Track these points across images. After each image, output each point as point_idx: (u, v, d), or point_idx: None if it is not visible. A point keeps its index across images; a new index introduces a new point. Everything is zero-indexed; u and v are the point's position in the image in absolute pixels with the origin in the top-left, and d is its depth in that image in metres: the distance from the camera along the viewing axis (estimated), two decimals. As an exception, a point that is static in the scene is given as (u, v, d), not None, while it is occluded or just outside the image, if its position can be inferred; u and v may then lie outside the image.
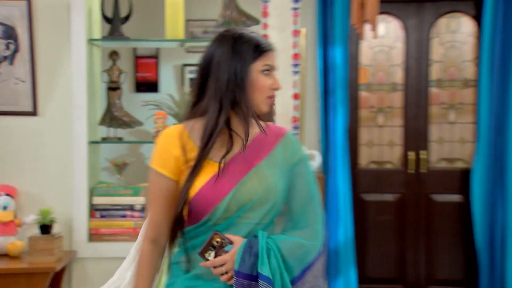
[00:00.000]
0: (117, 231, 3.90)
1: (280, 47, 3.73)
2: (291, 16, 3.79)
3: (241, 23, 3.83)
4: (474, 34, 6.15)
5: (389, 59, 6.21)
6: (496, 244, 5.83)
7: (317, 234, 2.35)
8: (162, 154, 2.22)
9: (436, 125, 6.20)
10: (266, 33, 3.79)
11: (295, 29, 3.79)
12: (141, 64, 5.90)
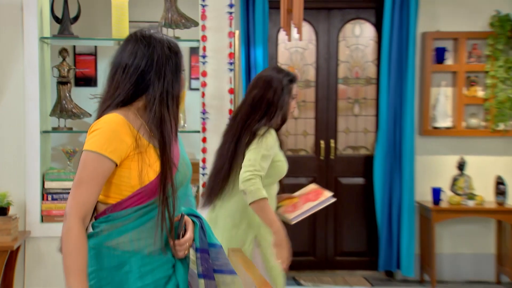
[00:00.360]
0: (68, 212, 3.86)
1: (217, 47, 3.80)
2: (227, 19, 3.84)
3: (181, 24, 3.85)
4: (374, 39, 6.32)
5: (303, 59, 6.32)
6: (393, 220, 6.06)
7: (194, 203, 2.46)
8: (113, 140, 2.10)
9: (343, 117, 6.35)
10: (204, 34, 3.83)
11: (230, 31, 3.84)
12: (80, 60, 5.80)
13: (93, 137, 2.11)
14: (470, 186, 5.91)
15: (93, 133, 2.12)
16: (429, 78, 6.04)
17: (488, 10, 6.07)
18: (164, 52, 2.20)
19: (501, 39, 5.96)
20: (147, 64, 2.17)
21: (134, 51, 2.19)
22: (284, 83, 3.25)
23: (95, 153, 2.09)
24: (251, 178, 3.05)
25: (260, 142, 3.13)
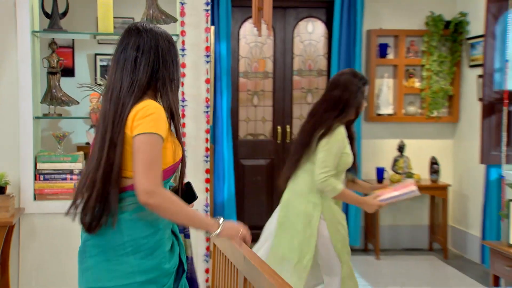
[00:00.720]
0: (59, 191, 3.83)
1: (195, 41, 3.82)
2: (203, 16, 3.85)
3: (162, 20, 3.85)
4: (325, 35, 6.40)
5: (262, 53, 6.36)
6: (342, 196, 6.16)
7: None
8: (164, 124, 2.12)
9: (297, 105, 6.42)
10: (184, 29, 3.84)
11: (206, 26, 3.85)
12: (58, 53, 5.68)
13: (151, 121, 2.09)
14: (409, 166, 6.07)
15: (148, 117, 2.09)
16: (374, 70, 6.17)
17: (424, 11, 6.23)
18: (165, 44, 2.22)
19: (435, 36, 6.13)
20: (155, 56, 2.17)
21: (141, 44, 2.18)
22: (359, 86, 3.41)
23: (157, 135, 2.09)
24: (326, 180, 3.28)
25: (331, 139, 3.30)
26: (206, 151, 3.84)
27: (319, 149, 3.31)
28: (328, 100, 3.41)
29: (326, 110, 3.38)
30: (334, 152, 3.29)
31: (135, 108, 2.12)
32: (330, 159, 3.27)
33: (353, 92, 3.38)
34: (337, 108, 3.37)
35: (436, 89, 6.14)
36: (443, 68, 6.15)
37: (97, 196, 2.10)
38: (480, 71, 5.74)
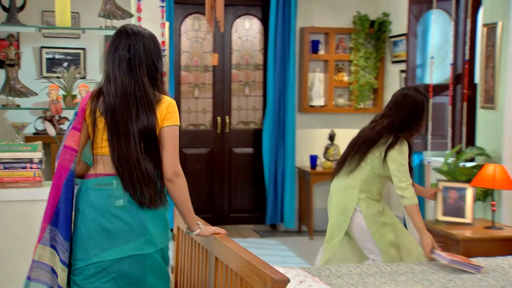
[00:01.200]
0: (19, 179, 3.76)
1: (151, 36, 3.82)
2: (159, 12, 3.89)
3: (118, 16, 3.83)
4: (261, 31, 6.53)
5: (202, 48, 6.40)
6: (278, 182, 6.34)
7: None
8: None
9: (235, 97, 6.52)
10: (140, 24, 3.84)
11: (162, 22, 3.88)
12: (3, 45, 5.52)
13: (176, 115, 2.43)
14: (339, 153, 6.29)
15: (174, 112, 2.42)
16: (307, 65, 6.34)
17: (351, 11, 6.46)
18: (151, 45, 2.43)
19: (361, 34, 6.38)
20: (146, 57, 2.38)
21: (131, 46, 2.37)
22: (425, 105, 3.58)
23: (179, 127, 2.45)
24: (407, 188, 3.45)
25: (401, 151, 3.48)
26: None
27: (389, 159, 3.50)
28: (395, 116, 3.54)
29: (394, 122, 3.54)
30: (404, 163, 3.49)
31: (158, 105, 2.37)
32: (405, 169, 3.48)
33: (419, 110, 3.56)
34: (405, 123, 3.54)
35: (362, 82, 6.39)
36: (368, 63, 6.41)
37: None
38: (402, 66, 6.04)
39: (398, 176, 3.49)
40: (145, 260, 2.37)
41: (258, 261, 2.27)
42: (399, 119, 3.54)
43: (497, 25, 4.36)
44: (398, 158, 3.49)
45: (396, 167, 3.49)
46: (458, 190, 4.05)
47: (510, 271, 3.31)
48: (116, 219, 2.35)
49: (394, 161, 3.49)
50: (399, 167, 3.48)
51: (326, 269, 3.33)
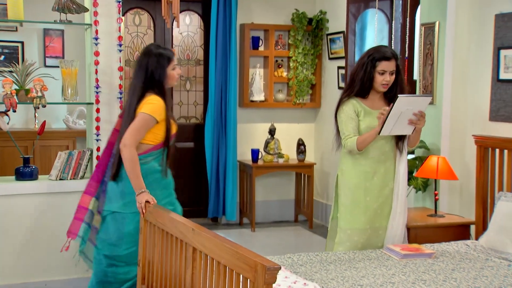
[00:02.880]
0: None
1: (107, 31, 3.79)
2: (115, 7, 3.83)
3: (73, 9, 3.76)
4: (202, 27, 6.52)
5: (144, 43, 6.33)
6: (220, 177, 6.37)
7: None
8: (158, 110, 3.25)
9: (177, 92, 6.50)
10: (96, 19, 3.79)
11: (118, 17, 3.83)
12: None
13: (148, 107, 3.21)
14: (279, 147, 6.42)
15: (146, 105, 3.21)
16: (247, 61, 6.42)
17: (290, 8, 6.59)
18: (153, 60, 3.27)
19: (300, 31, 6.52)
20: (145, 70, 3.26)
21: (141, 62, 3.29)
22: (364, 61, 3.53)
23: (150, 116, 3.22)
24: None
25: (338, 113, 3.58)
26: (119, 135, 3.84)
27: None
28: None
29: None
30: (343, 120, 3.57)
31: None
32: (342, 126, 3.58)
33: (357, 68, 3.57)
34: (347, 83, 3.65)
35: (301, 78, 6.54)
36: (307, 59, 6.56)
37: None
38: (339, 63, 6.23)
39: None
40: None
41: (244, 249, 2.33)
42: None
43: (435, 25, 4.61)
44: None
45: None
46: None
47: (456, 255, 3.53)
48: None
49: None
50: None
51: (288, 258, 3.43)
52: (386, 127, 3.39)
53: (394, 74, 3.56)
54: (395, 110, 3.34)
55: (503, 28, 4.12)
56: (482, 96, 4.34)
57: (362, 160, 3.59)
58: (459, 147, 4.52)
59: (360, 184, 3.60)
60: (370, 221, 3.61)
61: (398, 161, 3.63)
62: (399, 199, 3.62)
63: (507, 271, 3.24)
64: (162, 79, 3.28)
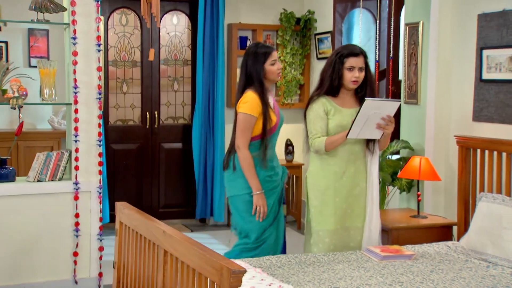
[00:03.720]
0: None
1: (86, 30, 3.76)
2: (94, 6, 3.80)
3: (50, 9, 3.72)
4: (189, 27, 6.50)
5: (130, 43, 6.30)
6: (208, 177, 6.34)
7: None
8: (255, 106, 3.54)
9: (164, 93, 6.47)
10: (74, 18, 3.75)
11: (97, 16, 3.80)
12: None
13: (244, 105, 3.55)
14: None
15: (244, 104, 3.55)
16: (235, 61, 6.39)
17: (278, 8, 6.56)
18: (251, 58, 3.63)
19: (288, 31, 6.49)
20: (245, 67, 3.65)
21: (245, 61, 3.67)
22: (332, 59, 3.51)
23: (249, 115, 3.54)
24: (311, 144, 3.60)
25: (307, 112, 3.60)
26: (99, 135, 3.81)
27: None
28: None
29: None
30: (312, 119, 3.56)
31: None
32: (310, 125, 3.58)
33: (327, 65, 3.56)
34: (318, 83, 3.65)
35: (289, 78, 6.51)
36: (295, 60, 6.54)
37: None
38: (327, 63, 6.19)
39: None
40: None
41: (212, 252, 2.30)
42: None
43: (419, 25, 4.59)
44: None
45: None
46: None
47: (436, 256, 3.51)
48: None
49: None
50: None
51: (266, 260, 3.40)
52: (354, 130, 3.38)
53: (364, 71, 3.53)
54: (362, 113, 3.32)
55: (486, 28, 4.10)
56: (465, 96, 4.32)
57: (331, 161, 3.57)
58: (443, 147, 4.49)
59: (329, 185, 3.58)
60: (340, 222, 3.59)
61: (370, 162, 3.61)
62: (374, 202, 3.59)
63: (485, 272, 3.22)
64: (260, 75, 3.53)
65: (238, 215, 3.67)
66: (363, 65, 3.51)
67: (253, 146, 3.58)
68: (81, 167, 3.77)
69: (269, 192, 3.64)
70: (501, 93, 3.98)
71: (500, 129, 3.98)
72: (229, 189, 3.68)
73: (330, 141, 3.49)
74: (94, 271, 3.78)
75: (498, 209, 3.49)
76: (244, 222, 3.65)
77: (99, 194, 3.82)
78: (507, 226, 3.39)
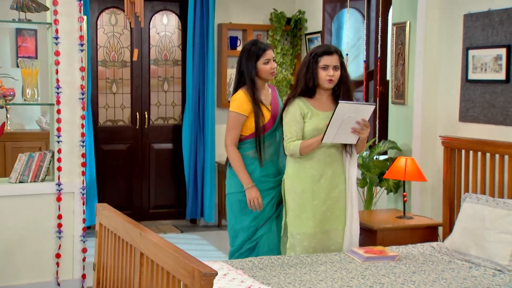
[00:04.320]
0: None
1: (68, 30, 3.74)
2: (76, 6, 3.78)
3: (32, 8, 3.70)
4: (179, 27, 6.48)
5: (120, 43, 6.29)
6: (198, 178, 6.33)
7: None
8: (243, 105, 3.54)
9: (154, 93, 6.46)
10: (56, 18, 3.73)
11: (79, 16, 3.78)
12: None
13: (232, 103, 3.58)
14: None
15: (233, 102, 3.57)
16: (225, 61, 6.37)
17: (268, 8, 6.55)
18: (244, 55, 3.59)
19: (278, 31, 6.48)
20: (238, 65, 3.62)
21: (239, 60, 3.62)
22: (307, 59, 3.48)
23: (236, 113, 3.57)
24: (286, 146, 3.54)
25: (284, 114, 3.54)
26: (82, 136, 3.79)
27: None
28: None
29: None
30: (287, 122, 3.51)
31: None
32: (286, 128, 3.52)
33: (301, 67, 3.54)
34: (294, 84, 3.65)
35: (280, 78, 6.50)
36: (285, 60, 6.52)
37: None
38: (318, 63, 6.17)
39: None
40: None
41: (185, 255, 2.28)
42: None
43: (406, 25, 4.57)
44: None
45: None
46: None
47: (420, 257, 3.49)
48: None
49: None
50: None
51: (248, 261, 3.38)
52: (328, 134, 3.36)
53: (339, 70, 3.50)
54: (336, 116, 3.30)
55: (472, 28, 4.08)
56: (452, 96, 4.30)
57: (308, 164, 3.53)
58: (431, 148, 4.47)
59: (307, 188, 3.54)
60: (319, 225, 3.56)
61: (348, 164, 3.58)
62: (353, 205, 3.57)
63: (467, 273, 3.20)
64: (252, 73, 3.52)
65: (231, 213, 3.69)
66: (338, 63, 3.48)
67: (248, 144, 3.59)
68: (64, 168, 3.75)
69: (265, 192, 3.62)
70: (487, 93, 3.97)
71: (486, 129, 3.96)
72: (227, 187, 3.72)
73: (305, 145, 3.46)
74: (77, 273, 3.76)
75: (481, 210, 3.48)
76: (235, 221, 3.66)
77: (82, 195, 3.80)
78: (490, 227, 3.37)
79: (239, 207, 3.63)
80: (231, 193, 3.68)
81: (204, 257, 5.17)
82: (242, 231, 3.63)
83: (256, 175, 3.59)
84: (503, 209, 3.37)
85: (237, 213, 3.63)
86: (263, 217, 3.61)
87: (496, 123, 3.89)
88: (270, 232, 3.64)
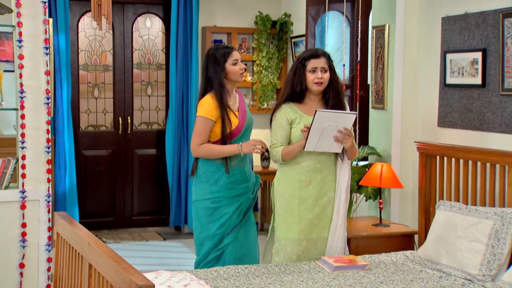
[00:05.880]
0: None
1: (32, 33, 3.69)
2: (41, 8, 3.72)
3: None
4: (163, 30, 6.44)
5: (101, 46, 6.25)
6: (182, 184, 6.28)
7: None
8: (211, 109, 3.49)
9: (137, 97, 6.41)
10: (20, 20, 3.67)
11: (44, 18, 3.72)
12: None
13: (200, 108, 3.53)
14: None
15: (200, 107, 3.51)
16: (209, 65, 6.30)
17: (253, 11, 6.49)
18: (210, 60, 3.56)
19: (263, 34, 6.43)
20: (203, 70, 3.61)
21: (205, 64, 3.60)
22: (295, 64, 3.48)
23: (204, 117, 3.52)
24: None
25: (272, 120, 3.57)
26: (47, 142, 3.73)
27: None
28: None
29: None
30: (273, 128, 3.55)
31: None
32: (272, 134, 3.56)
33: (289, 72, 3.53)
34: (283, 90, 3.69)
35: (265, 83, 6.44)
36: (271, 63, 6.46)
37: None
38: (303, 67, 6.10)
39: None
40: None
41: (126, 266, 2.22)
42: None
43: (385, 28, 4.50)
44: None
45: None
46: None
47: (391, 266, 3.41)
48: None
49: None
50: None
51: (214, 271, 3.31)
52: (310, 143, 3.31)
53: (328, 73, 3.46)
54: (315, 125, 3.26)
55: (449, 32, 4.01)
56: (431, 101, 4.23)
57: (297, 169, 3.51)
58: (410, 154, 4.40)
59: (294, 193, 3.50)
60: (305, 232, 3.50)
61: (339, 170, 3.54)
62: (340, 212, 3.52)
63: (436, 283, 3.12)
64: (220, 77, 3.48)
65: (197, 221, 3.64)
66: (326, 66, 3.46)
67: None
68: (29, 175, 3.68)
69: (232, 199, 3.57)
70: (464, 98, 3.89)
71: (463, 135, 3.89)
72: (193, 194, 3.67)
73: (286, 151, 3.45)
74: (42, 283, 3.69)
75: (454, 217, 3.40)
76: (201, 229, 3.60)
77: (47, 203, 3.73)
78: (461, 235, 3.30)
79: (205, 214, 3.57)
80: (197, 200, 3.62)
81: (183, 265, 5.11)
82: (208, 239, 3.57)
83: (222, 182, 3.53)
84: (474, 216, 3.29)
85: (203, 220, 3.58)
86: (230, 225, 3.55)
87: (473, 129, 3.82)
88: (236, 240, 3.57)
